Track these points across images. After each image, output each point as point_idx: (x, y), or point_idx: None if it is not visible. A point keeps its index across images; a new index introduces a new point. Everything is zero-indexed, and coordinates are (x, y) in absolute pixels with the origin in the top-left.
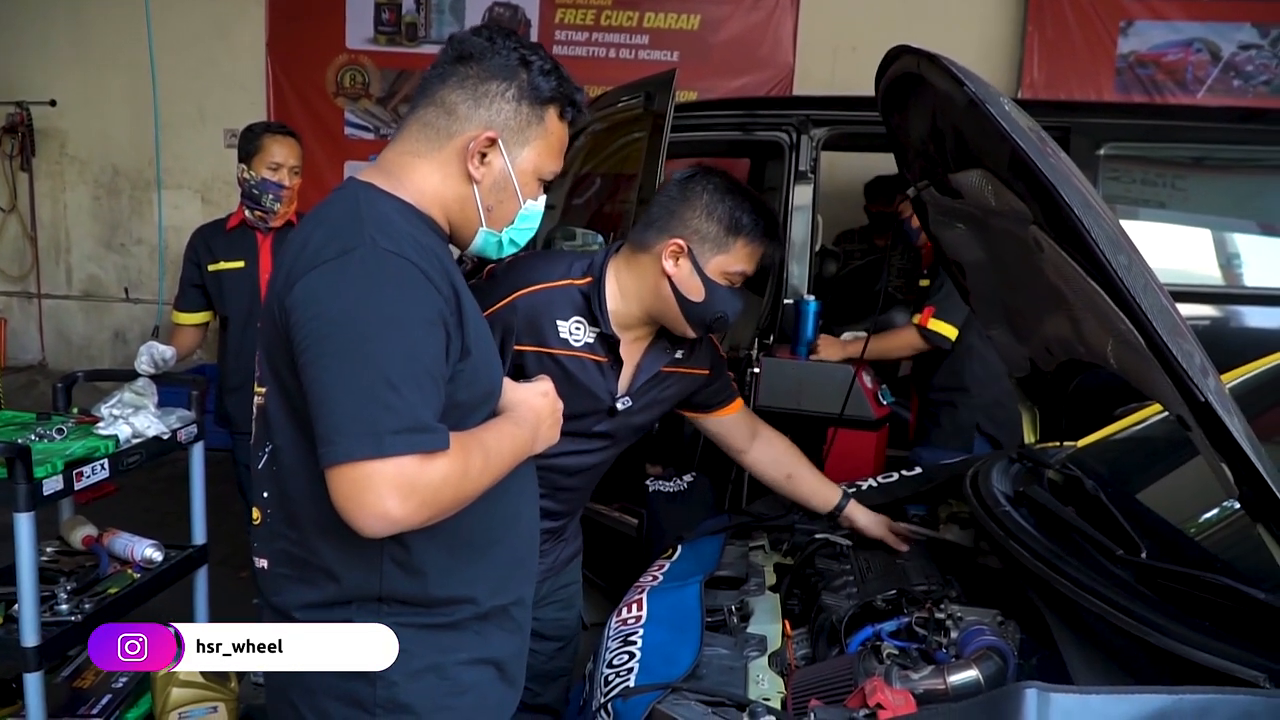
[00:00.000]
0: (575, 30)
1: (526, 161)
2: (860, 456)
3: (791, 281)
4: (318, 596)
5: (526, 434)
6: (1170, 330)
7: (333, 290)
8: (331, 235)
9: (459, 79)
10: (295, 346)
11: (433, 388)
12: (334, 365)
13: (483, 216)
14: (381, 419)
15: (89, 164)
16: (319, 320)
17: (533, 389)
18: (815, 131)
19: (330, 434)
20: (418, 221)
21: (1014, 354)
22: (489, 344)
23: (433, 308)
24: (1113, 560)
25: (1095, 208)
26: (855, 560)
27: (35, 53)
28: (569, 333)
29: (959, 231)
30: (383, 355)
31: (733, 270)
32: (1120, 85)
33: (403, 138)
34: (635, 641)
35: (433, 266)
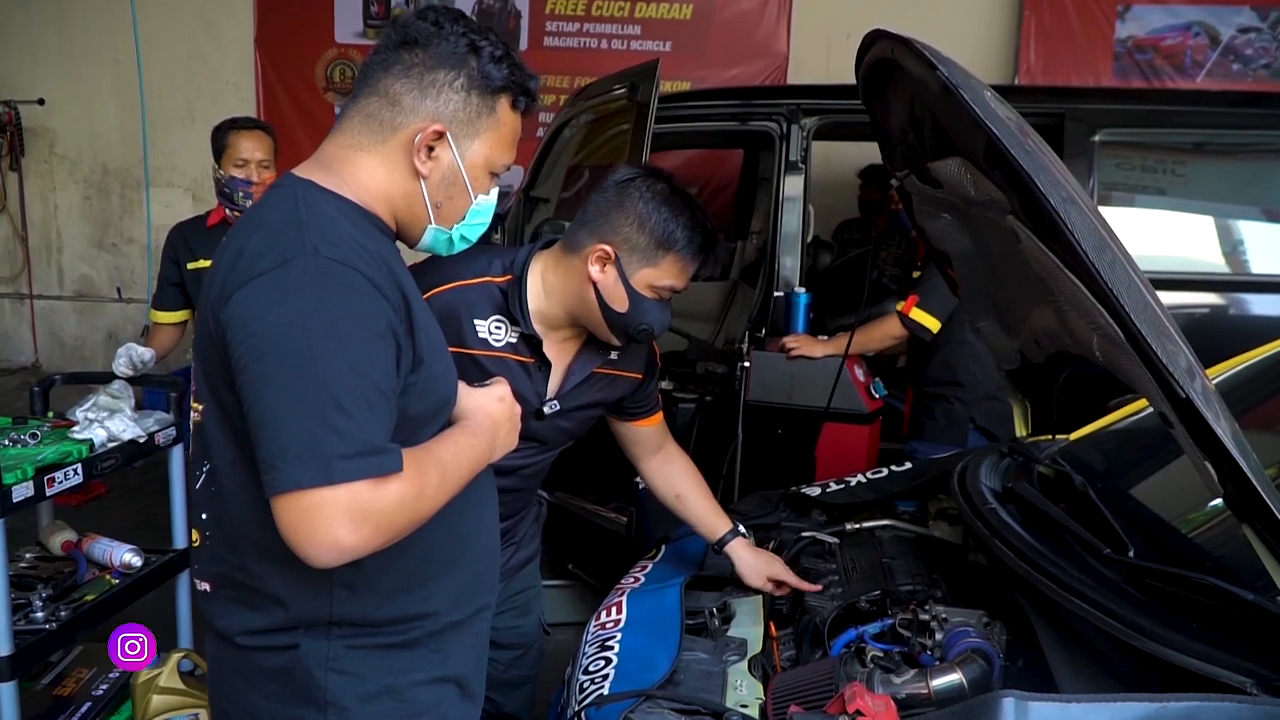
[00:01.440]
0: (566, 20)
1: (477, 155)
2: (852, 450)
3: (783, 274)
4: (263, 622)
5: (483, 444)
6: (1151, 324)
7: (272, 304)
8: (269, 243)
9: (403, 67)
10: (233, 365)
11: (384, 405)
12: (276, 386)
13: (431, 213)
14: (329, 443)
15: (79, 163)
16: (258, 337)
17: (488, 394)
18: (806, 121)
19: (274, 460)
20: (363, 222)
21: (1003, 346)
22: (442, 351)
23: (380, 318)
24: (1100, 560)
25: (1074, 198)
26: (841, 559)
27: (22, 50)
28: (488, 332)
29: (944, 221)
30: (328, 373)
31: (660, 285)
32: (1118, 71)
33: (344, 129)
34: (612, 646)
35: (380, 273)
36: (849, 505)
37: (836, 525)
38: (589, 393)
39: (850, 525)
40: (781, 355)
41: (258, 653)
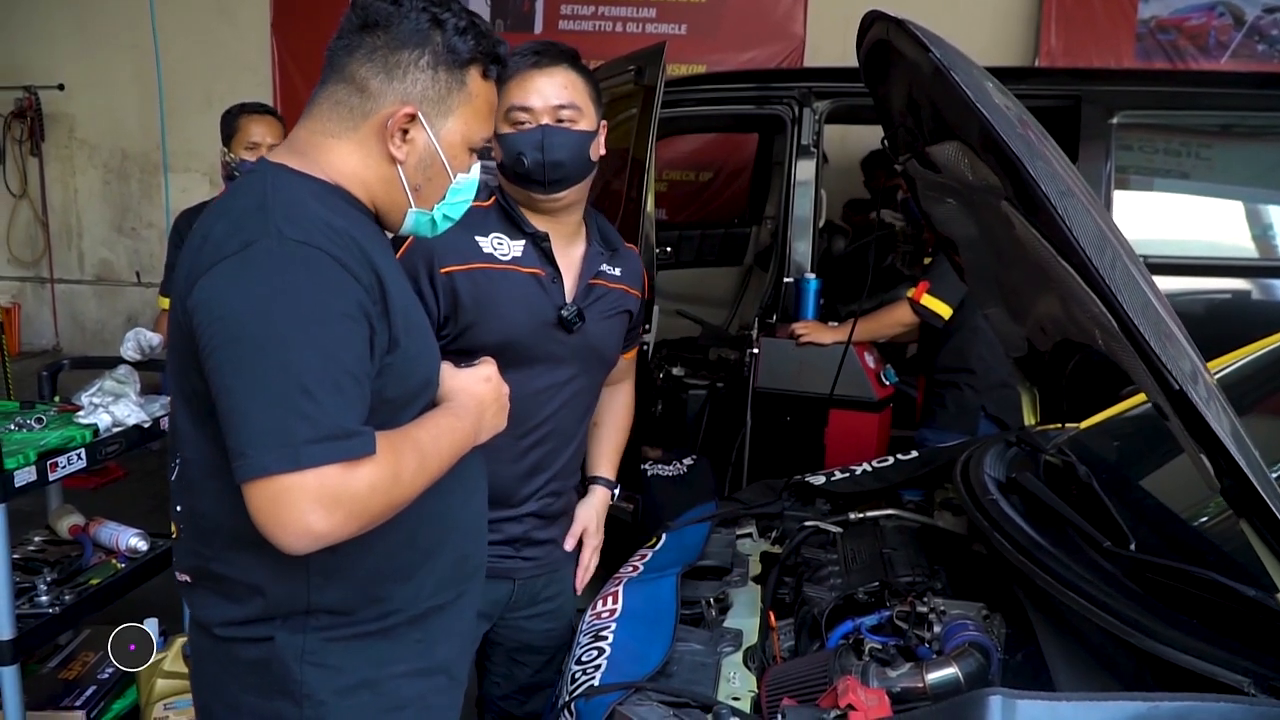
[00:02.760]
0: (581, 4)
1: (453, 133)
2: (862, 438)
3: (794, 259)
4: (240, 613)
5: (468, 425)
6: (1142, 309)
7: (236, 289)
8: (233, 227)
9: (367, 51)
10: (200, 353)
11: (354, 388)
12: (243, 372)
13: (410, 197)
14: (297, 428)
15: (98, 148)
16: (223, 323)
17: (474, 374)
18: (818, 104)
19: (243, 447)
20: (336, 201)
21: (1010, 333)
22: (423, 332)
23: (350, 300)
24: (1100, 553)
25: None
26: (842, 549)
27: (42, 36)
28: (492, 247)
29: (948, 207)
30: (295, 358)
31: (505, 111)
32: (1141, 52)
33: (314, 116)
34: (606, 637)
35: (349, 253)
36: (853, 494)
37: (840, 514)
38: (606, 304)
39: (854, 514)
40: (790, 342)
41: (235, 644)
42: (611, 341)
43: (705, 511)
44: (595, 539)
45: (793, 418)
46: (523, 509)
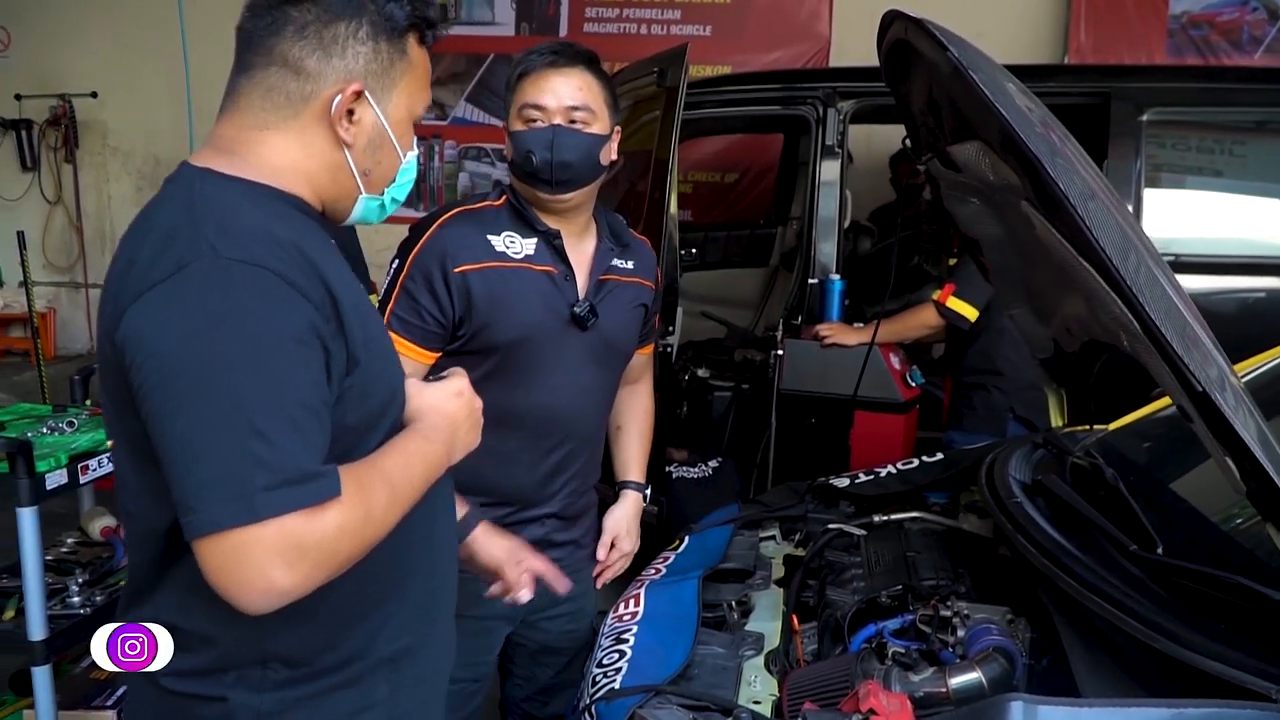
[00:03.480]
0: (606, 6)
1: (399, 108)
2: (887, 440)
3: (819, 260)
4: (192, 663)
5: (439, 448)
6: (1166, 313)
7: (169, 321)
8: (161, 248)
9: (296, 27)
10: (136, 393)
11: (313, 423)
12: (183, 415)
13: (360, 182)
14: (250, 475)
15: (131, 155)
16: (157, 360)
17: (444, 389)
18: (842, 105)
19: (190, 500)
20: (276, 204)
21: (1036, 334)
22: (382, 345)
23: (300, 321)
24: (1127, 556)
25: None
26: (866, 552)
27: (76, 45)
28: (504, 245)
29: (972, 207)
30: (243, 395)
31: (518, 108)
32: (1173, 48)
33: (240, 108)
34: (628, 640)
35: (296, 267)
36: (877, 497)
37: (864, 517)
38: (619, 299)
39: (878, 517)
40: (815, 343)
41: (184, 701)
42: (627, 336)
43: (728, 514)
44: (628, 545)
45: (818, 419)
46: (544, 510)
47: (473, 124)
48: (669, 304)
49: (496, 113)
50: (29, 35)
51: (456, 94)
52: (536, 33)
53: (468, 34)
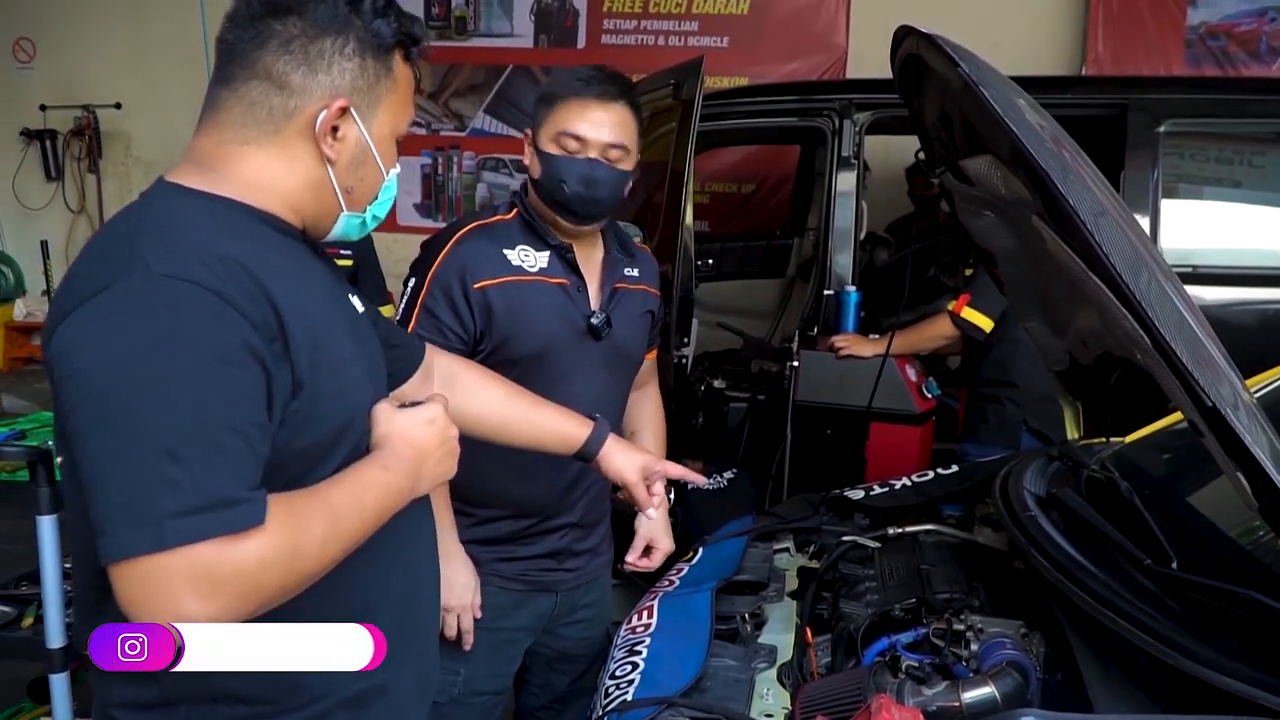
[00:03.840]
0: (623, 18)
1: (383, 125)
2: (903, 451)
3: (835, 271)
4: (137, 695)
5: (400, 478)
6: (1177, 328)
7: (92, 338)
8: (96, 264)
9: (281, 41)
10: (59, 411)
11: (239, 445)
12: (98, 435)
13: (342, 200)
14: (159, 500)
15: (153, 165)
16: (77, 378)
17: (416, 416)
18: (859, 116)
19: (103, 524)
20: (240, 221)
21: (1051, 347)
22: (341, 368)
23: (231, 341)
24: (1141, 571)
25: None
26: (880, 565)
27: (100, 57)
28: (520, 259)
29: (986, 219)
30: (158, 416)
31: (556, 133)
32: (1191, 58)
33: (220, 123)
34: (641, 651)
35: (235, 285)
36: (892, 509)
37: (879, 529)
38: (629, 307)
39: (892, 530)
40: (830, 355)
41: None
42: (637, 343)
43: (742, 526)
44: (666, 545)
45: (833, 431)
46: (565, 519)
47: (491, 135)
48: (684, 315)
49: (515, 124)
50: (54, 47)
51: (475, 105)
52: (555, 44)
53: (486, 45)
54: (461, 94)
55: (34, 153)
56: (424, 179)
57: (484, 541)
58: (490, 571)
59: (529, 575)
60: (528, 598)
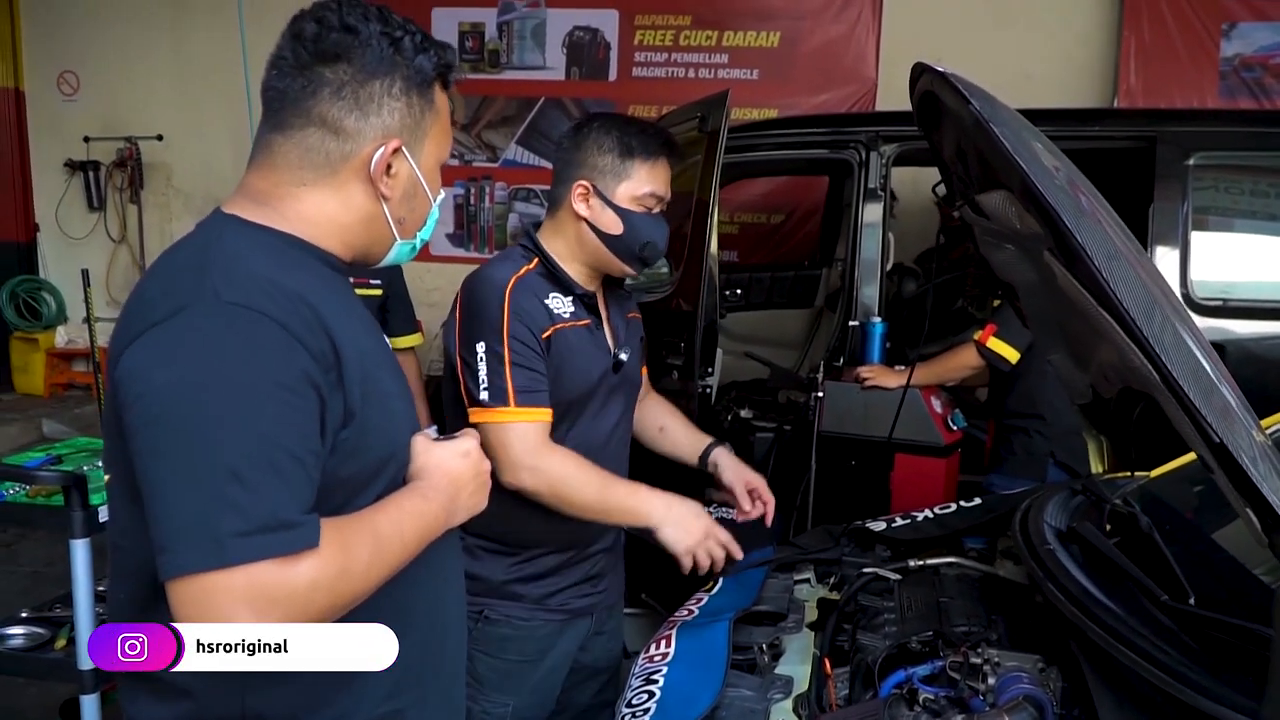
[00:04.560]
0: (654, 51)
1: (430, 156)
2: (928, 483)
3: (862, 302)
4: (168, 714)
5: (437, 508)
6: (1182, 363)
7: (162, 360)
8: (166, 289)
9: (333, 88)
10: (126, 430)
11: (297, 471)
12: (165, 456)
13: (395, 230)
14: (223, 520)
15: (193, 195)
16: (146, 399)
17: (452, 449)
18: (885, 148)
19: (165, 541)
20: (295, 255)
21: (1074, 380)
22: (386, 401)
23: (293, 369)
24: (1158, 607)
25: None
26: (900, 597)
27: (143, 90)
28: (557, 307)
29: (1007, 253)
30: (224, 438)
31: (641, 193)
32: (1225, 90)
33: (276, 165)
34: (657, 680)
35: (297, 316)
36: (913, 541)
37: (900, 561)
38: (633, 337)
39: (914, 562)
40: (855, 385)
41: None
42: (638, 369)
43: (763, 556)
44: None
45: (858, 462)
46: (598, 546)
47: (523, 166)
48: (708, 344)
49: (546, 155)
50: (97, 80)
51: (507, 137)
52: (586, 77)
53: (519, 78)
54: (494, 125)
55: (77, 183)
56: (457, 209)
57: (528, 579)
58: (536, 606)
59: (570, 604)
60: (568, 624)
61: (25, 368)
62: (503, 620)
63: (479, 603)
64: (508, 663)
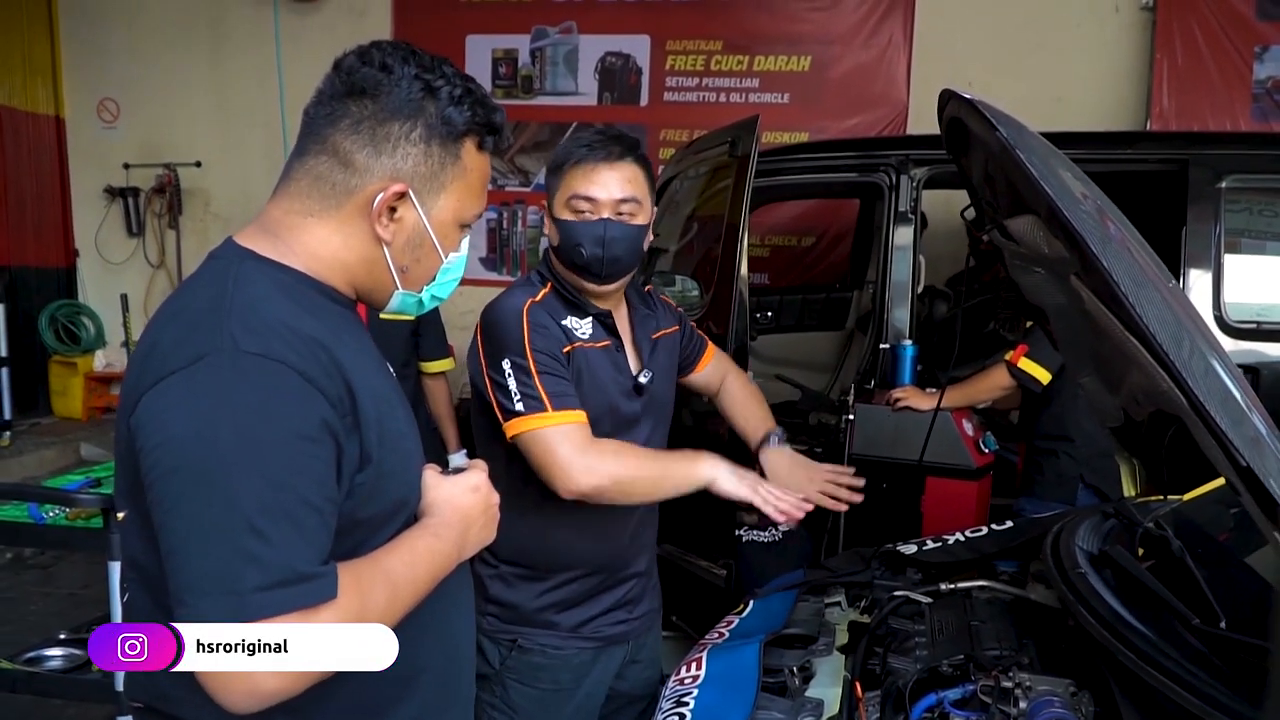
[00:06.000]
0: (686, 76)
1: (444, 210)
2: (959, 506)
3: (892, 325)
4: None
5: (448, 546)
6: (1211, 389)
7: (180, 410)
8: (184, 335)
9: (353, 121)
10: (144, 479)
11: (315, 520)
12: (183, 507)
13: (397, 278)
14: (243, 574)
15: (231, 221)
16: (164, 450)
17: (461, 484)
18: (916, 171)
19: (183, 594)
20: (310, 296)
21: (1105, 403)
22: (401, 440)
23: (312, 418)
24: (1189, 630)
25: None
26: (931, 620)
27: (183, 118)
28: (574, 328)
29: (1037, 276)
30: (242, 491)
31: (567, 199)
32: (1258, 113)
33: (290, 192)
34: (688, 703)
35: (315, 363)
36: (945, 564)
37: (931, 584)
38: (660, 357)
39: (945, 585)
40: (886, 408)
41: None
42: (670, 388)
43: (793, 579)
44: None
45: (889, 485)
46: (633, 569)
47: None
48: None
49: None
50: (137, 107)
51: (540, 161)
52: (618, 102)
53: (551, 104)
54: (527, 150)
55: (117, 209)
56: (490, 233)
57: (561, 606)
58: (570, 634)
59: (603, 630)
60: (603, 651)
61: (64, 391)
62: (536, 649)
63: (512, 631)
64: (542, 691)
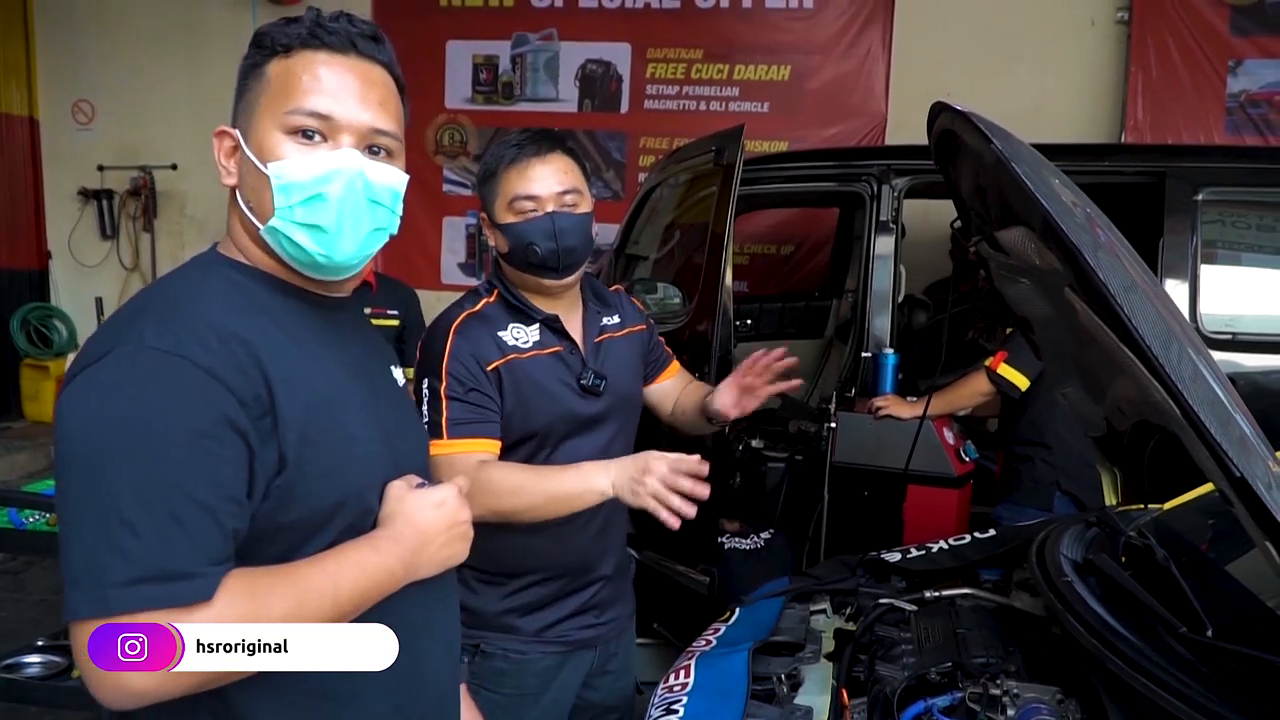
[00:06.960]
0: (666, 84)
1: (259, 125)
2: (941, 514)
3: (873, 333)
4: None
5: (391, 560)
6: (1200, 394)
7: (79, 405)
8: (104, 334)
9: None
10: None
11: (203, 520)
12: (68, 499)
13: (252, 217)
14: (109, 567)
15: (206, 224)
16: (61, 444)
17: (425, 497)
18: (897, 181)
19: (65, 585)
20: (263, 294)
21: (1088, 412)
22: (345, 446)
23: (213, 416)
24: (1176, 638)
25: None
26: (917, 628)
27: (159, 120)
28: (513, 339)
29: (1023, 287)
30: (123, 485)
31: (513, 200)
32: (1231, 126)
33: None
34: (677, 710)
35: (228, 360)
36: (929, 572)
37: (916, 592)
38: (618, 355)
39: (929, 593)
40: (868, 416)
41: None
42: (637, 387)
43: (779, 586)
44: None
45: (871, 492)
46: (598, 573)
47: None
48: (722, 375)
49: None
50: (113, 109)
51: None
52: (599, 109)
53: (532, 110)
54: None
55: (91, 211)
56: (468, 239)
57: (523, 610)
58: (533, 638)
59: (569, 635)
60: (570, 656)
61: (36, 395)
62: (499, 654)
63: (475, 636)
64: (506, 697)
